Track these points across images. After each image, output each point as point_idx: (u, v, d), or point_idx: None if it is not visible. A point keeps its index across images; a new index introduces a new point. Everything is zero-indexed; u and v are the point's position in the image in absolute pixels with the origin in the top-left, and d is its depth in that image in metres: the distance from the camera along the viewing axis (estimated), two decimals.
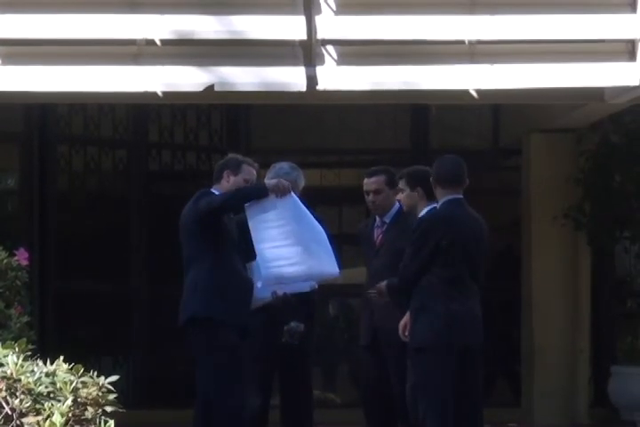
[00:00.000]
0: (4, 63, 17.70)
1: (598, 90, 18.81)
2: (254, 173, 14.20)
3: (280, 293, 14.56)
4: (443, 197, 13.75)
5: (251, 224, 13.95)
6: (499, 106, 19.54)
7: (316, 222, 14.21)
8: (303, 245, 14.06)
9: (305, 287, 14.39)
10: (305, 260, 14.09)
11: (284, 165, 15.26)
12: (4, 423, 5.07)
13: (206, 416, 13.88)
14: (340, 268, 14.27)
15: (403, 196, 14.35)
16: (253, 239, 14.04)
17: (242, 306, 13.98)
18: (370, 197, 15.14)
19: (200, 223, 13.94)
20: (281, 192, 14.03)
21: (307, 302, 14.75)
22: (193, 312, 13.82)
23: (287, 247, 14.11)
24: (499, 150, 21.34)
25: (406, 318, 13.92)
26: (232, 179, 14.25)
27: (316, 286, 14.56)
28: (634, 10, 18.46)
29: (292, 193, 14.02)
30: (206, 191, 14.20)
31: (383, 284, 14.13)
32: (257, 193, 14.13)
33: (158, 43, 18.07)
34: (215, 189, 14.16)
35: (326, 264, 14.13)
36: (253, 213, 13.99)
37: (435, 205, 13.86)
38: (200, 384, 13.81)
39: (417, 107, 19.92)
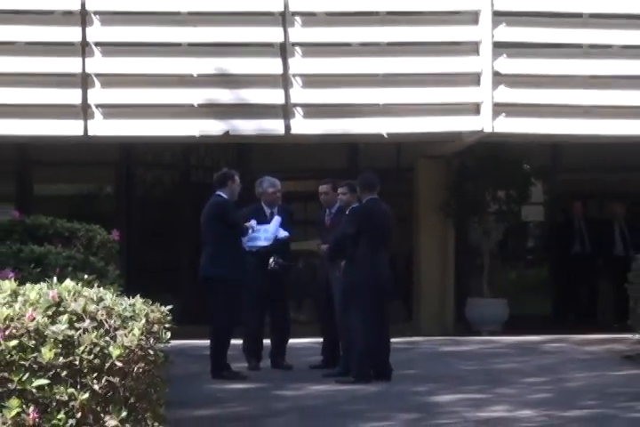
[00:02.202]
0: (107, 117, 18.17)
1: (458, 133, 19.32)
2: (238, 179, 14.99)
3: (272, 263, 14.84)
4: (365, 197, 14.35)
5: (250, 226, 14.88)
6: (405, 137, 19.02)
7: (278, 225, 15.00)
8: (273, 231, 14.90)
9: (284, 236, 14.89)
10: (273, 233, 14.88)
11: (266, 178, 15.61)
12: (106, 334, 4.43)
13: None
14: (290, 234, 15.13)
15: (343, 196, 14.62)
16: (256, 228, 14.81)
17: (236, 268, 14.30)
18: (322, 197, 15.54)
19: (214, 220, 14.61)
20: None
21: (283, 248, 15.05)
22: (205, 272, 14.50)
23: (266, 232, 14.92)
24: (400, 169, 21.39)
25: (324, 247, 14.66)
26: (234, 184, 14.78)
27: (289, 235, 15.01)
28: (478, 84, 18.81)
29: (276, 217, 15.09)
30: (223, 201, 14.77)
31: (325, 246, 14.63)
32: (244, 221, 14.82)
33: (196, 105, 18.47)
34: (222, 191, 14.77)
35: (283, 233, 14.89)
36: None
37: (359, 204, 14.53)
38: (212, 312, 14.46)
39: (350, 142, 20.36)
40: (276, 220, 14.90)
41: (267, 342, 15.16)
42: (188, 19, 18.59)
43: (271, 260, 14.85)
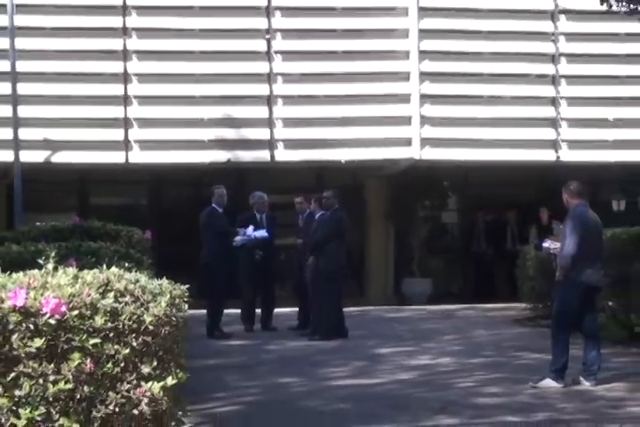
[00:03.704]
0: (142, 150, 18.28)
1: (396, 160, 19.42)
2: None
3: (259, 256, 14.68)
4: (332, 207, 14.21)
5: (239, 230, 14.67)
6: (358, 163, 19.07)
7: (263, 230, 14.71)
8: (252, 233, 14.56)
9: (262, 235, 14.57)
10: (253, 233, 14.58)
11: (257, 192, 15.38)
12: (141, 306, 4.23)
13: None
14: (270, 236, 14.77)
15: (312, 206, 14.63)
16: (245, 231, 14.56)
17: (224, 260, 14.16)
18: (297, 206, 15.43)
19: (205, 224, 14.45)
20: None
21: (266, 244, 14.75)
22: (204, 260, 14.29)
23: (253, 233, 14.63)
24: (354, 186, 20.66)
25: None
26: (219, 197, 14.55)
27: (269, 236, 14.69)
28: (410, 124, 19.01)
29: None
30: (210, 210, 14.55)
31: (300, 241, 14.67)
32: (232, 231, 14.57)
33: (206, 140, 18.62)
34: (214, 202, 14.57)
35: (262, 233, 14.55)
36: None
37: (324, 212, 14.27)
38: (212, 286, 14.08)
39: (318, 166, 19.76)
40: (251, 227, 14.60)
41: (258, 311, 15.02)
42: (200, 78, 18.71)
43: (256, 254, 14.74)
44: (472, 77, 19.23)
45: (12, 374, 3.90)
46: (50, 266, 4.45)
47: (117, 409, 4.05)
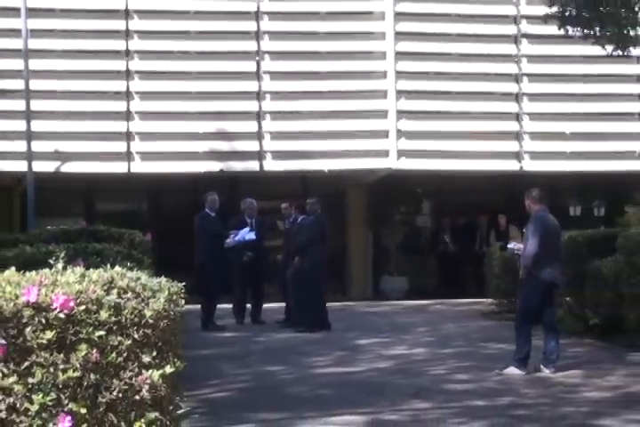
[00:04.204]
0: (143, 160, 17.98)
1: (374, 169, 19.47)
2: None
3: (247, 257, 14.60)
4: (315, 213, 14.20)
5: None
6: (340, 172, 19.21)
7: (252, 232, 14.55)
8: (241, 236, 14.41)
9: (251, 238, 14.46)
10: (243, 236, 14.44)
11: (247, 199, 15.29)
12: (142, 302, 4.19)
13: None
14: (258, 238, 14.63)
15: (295, 211, 14.61)
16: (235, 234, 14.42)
17: (216, 259, 14.03)
18: (283, 211, 15.43)
19: (200, 229, 14.34)
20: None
21: (255, 246, 14.69)
22: (198, 260, 14.21)
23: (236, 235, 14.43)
24: (336, 193, 20.52)
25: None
26: (211, 203, 14.43)
27: (256, 238, 14.57)
28: (387, 138, 19.08)
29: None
30: (202, 215, 14.45)
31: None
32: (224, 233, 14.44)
33: (201, 152, 18.63)
34: (209, 208, 14.46)
35: (251, 236, 14.42)
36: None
37: (305, 216, 14.28)
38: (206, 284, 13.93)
39: (303, 176, 19.91)
40: (246, 230, 14.52)
41: (248, 306, 14.99)
42: (195, 96, 18.78)
43: (244, 255, 14.69)
44: (444, 95, 19.30)
45: (26, 364, 3.89)
46: (59, 265, 4.43)
47: (121, 395, 4.05)
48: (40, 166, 17.56)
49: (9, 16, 17.73)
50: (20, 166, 17.44)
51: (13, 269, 4.37)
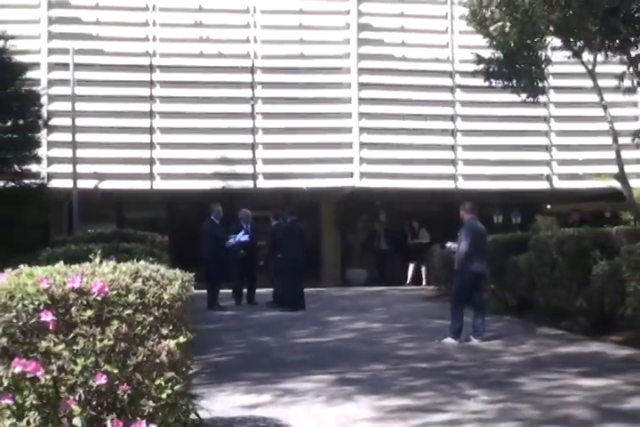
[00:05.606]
0: (162, 179, 17.71)
1: (341, 187, 19.14)
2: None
3: (242, 254, 14.24)
4: (291, 218, 13.94)
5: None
6: (315, 189, 18.86)
7: (246, 234, 14.22)
8: (238, 238, 14.13)
9: (245, 239, 14.14)
10: (240, 238, 14.12)
11: (243, 209, 15.00)
12: (161, 287, 4.08)
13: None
14: (251, 239, 14.29)
15: (272, 218, 14.61)
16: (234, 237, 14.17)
17: (218, 255, 13.74)
18: (271, 218, 15.04)
19: (205, 232, 13.99)
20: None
21: (249, 245, 14.40)
22: (205, 256, 13.79)
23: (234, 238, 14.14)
24: (312, 205, 20.00)
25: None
26: (216, 213, 14.13)
27: (249, 239, 14.20)
28: (352, 163, 18.79)
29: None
30: (209, 222, 14.03)
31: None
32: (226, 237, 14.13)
33: (208, 173, 18.18)
34: (214, 216, 14.12)
35: (245, 238, 14.13)
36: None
37: (278, 222, 14.31)
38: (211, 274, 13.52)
39: (287, 191, 19.17)
40: (241, 233, 14.22)
41: (244, 290, 14.69)
42: (203, 130, 18.51)
43: (241, 251, 14.46)
44: (396, 131, 19.20)
45: (71, 335, 3.89)
46: (97, 260, 4.36)
47: (145, 359, 4.01)
48: (83, 184, 17.53)
49: (61, 69, 17.88)
50: (67, 184, 17.39)
51: (62, 262, 4.34)
